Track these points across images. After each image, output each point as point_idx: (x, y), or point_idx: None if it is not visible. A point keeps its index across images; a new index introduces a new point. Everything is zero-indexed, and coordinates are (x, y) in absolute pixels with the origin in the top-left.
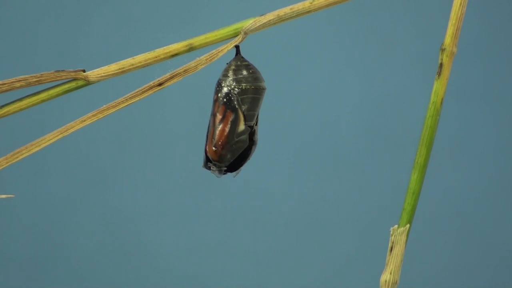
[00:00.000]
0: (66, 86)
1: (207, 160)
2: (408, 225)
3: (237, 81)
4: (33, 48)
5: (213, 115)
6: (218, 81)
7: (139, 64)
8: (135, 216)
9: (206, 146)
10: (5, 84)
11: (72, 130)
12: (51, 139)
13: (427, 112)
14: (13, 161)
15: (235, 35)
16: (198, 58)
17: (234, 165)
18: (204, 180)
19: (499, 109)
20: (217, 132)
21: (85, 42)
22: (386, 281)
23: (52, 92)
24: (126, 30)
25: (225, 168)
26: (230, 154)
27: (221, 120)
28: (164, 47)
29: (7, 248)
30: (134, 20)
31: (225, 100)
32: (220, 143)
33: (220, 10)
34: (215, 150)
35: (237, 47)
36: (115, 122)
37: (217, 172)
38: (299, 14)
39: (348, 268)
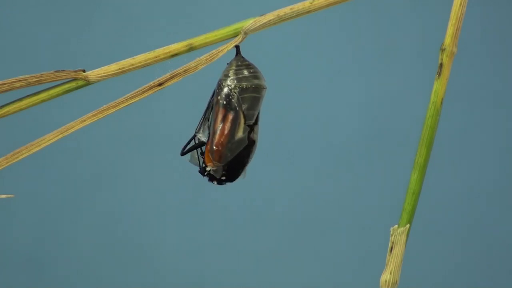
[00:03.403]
0: (66, 86)
1: (204, 164)
2: (408, 225)
3: (238, 80)
4: (33, 48)
5: (215, 115)
6: (218, 81)
7: (139, 64)
8: (135, 215)
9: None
10: (5, 84)
11: (72, 130)
12: (51, 139)
13: (427, 112)
14: (13, 161)
15: (235, 35)
16: (198, 58)
17: (233, 173)
18: (204, 180)
19: (499, 109)
20: (218, 131)
21: (85, 42)
22: (386, 281)
23: (52, 92)
24: (126, 30)
25: (223, 173)
26: (230, 153)
27: (222, 120)
28: (164, 47)
29: (7, 248)
30: (134, 20)
31: (225, 99)
32: (220, 142)
33: (220, 10)
34: (216, 150)
35: (237, 47)
36: (115, 122)
37: (213, 177)
38: (299, 14)
39: (348, 268)
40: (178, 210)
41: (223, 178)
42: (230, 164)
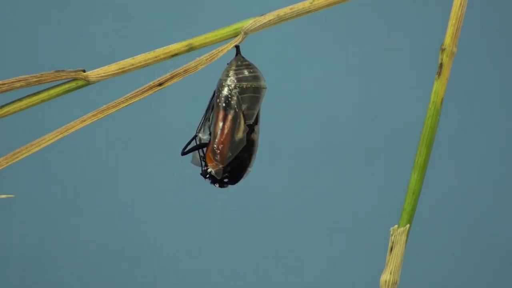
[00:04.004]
0: (66, 86)
1: (205, 166)
2: (408, 225)
3: (238, 80)
4: (33, 48)
5: (215, 115)
6: (219, 81)
7: (139, 64)
8: (135, 215)
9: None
10: (5, 84)
11: (72, 130)
12: (51, 139)
13: (427, 112)
14: (13, 161)
15: (235, 35)
16: (198, 58)
17: (235, 176)
18: (205, 180)
19: (499, 109)
20: (218, 131)
21: (85, 42)
22: (386, 281)
23: (52, 92)
24: (126, 30)
25: (225, 176)
26: (231, 153)
27: (222, 120)
28: (164, 47)
29: (7, 248)
30: (134, 20)
31: (225, 99)
32: (221, 142)
33: (220, 10)
34: (216, 150)
35: (237, 47)
36: (116, 122)
37: (215, 179)
38: (299, 14)
39: (348, 268)
40: (179, 211)
41: (226, 180)
42: (232, 166)
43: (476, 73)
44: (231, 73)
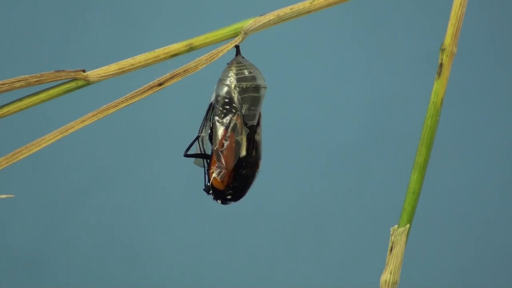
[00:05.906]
0: (66, 86)
1: (209, 181)
2: (408, 225)
3: (238, 80)
4: (33, 48)
5: (216, 116)
6: (218, 81)
7: (139, 64)
8: (136, 215)
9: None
10: (5, 84)
11: (72, 130)
12: (51, 139)
13: (427, 112)
14: (13, 161)
15: (235, 35)
16: (198, 58)
17: (238, 192)
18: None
19: (499, 109)
20: (220, 132)
21: (85, 42)
22: (386, 281)
23: (52, 92)
24: (126, 30)
25: (228, 193)
26: (235, 154)
27: (223, 120)
28: (164, 47)
29: (7, 248)
30: (134, 20)
31: (226, 100)
32: (223, 143)
33: (220, 10)
34: (219, 151)
35: (237, 47)
36: (116, 122)
37: (218, 195)
38: (299, 14)
39: (348, 268)
40: (179, 210)
41: (229, 197)
42: (236, 183)
43: (476, 73)
44: (231, 73)
